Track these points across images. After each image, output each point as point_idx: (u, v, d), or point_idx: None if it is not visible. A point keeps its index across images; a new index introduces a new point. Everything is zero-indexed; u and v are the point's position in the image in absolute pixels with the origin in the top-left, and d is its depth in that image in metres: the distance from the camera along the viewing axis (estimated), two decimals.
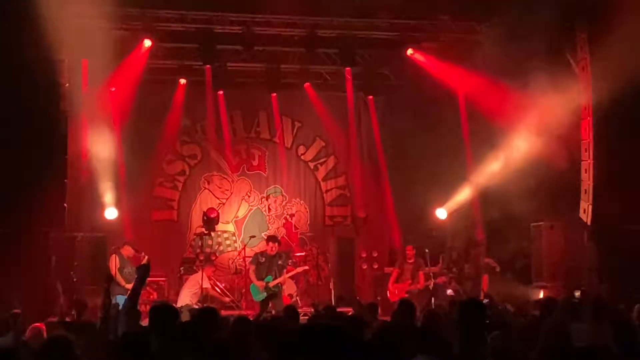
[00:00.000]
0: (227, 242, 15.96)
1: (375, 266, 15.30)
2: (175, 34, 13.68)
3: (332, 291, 13.99)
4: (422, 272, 13.43)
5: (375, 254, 15.48)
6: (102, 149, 13.80)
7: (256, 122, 16.34)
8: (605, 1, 12.10)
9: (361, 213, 16.03)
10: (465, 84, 14.40)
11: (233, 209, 16.12)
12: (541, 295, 13.00)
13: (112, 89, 14.20)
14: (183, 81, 14.85)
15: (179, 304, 12.78)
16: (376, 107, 16.26)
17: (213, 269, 14.10)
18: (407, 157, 15.65)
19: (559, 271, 13.16)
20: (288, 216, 16.28)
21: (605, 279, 12.09)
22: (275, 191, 16.35)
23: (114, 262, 12.67)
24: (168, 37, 13.73)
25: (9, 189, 11.40)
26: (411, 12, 13.59)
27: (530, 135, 13.50)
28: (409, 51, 14.16)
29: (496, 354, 5.43)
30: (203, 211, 15.20)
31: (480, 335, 5.36)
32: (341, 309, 11.66)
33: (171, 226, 15.85)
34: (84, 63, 13.17)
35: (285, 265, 12.95)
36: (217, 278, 14.31)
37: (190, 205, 15.96)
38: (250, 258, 14.45)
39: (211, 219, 14.79)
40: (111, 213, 13.89)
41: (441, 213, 15.26)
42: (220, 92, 15.15)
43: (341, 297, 13.86)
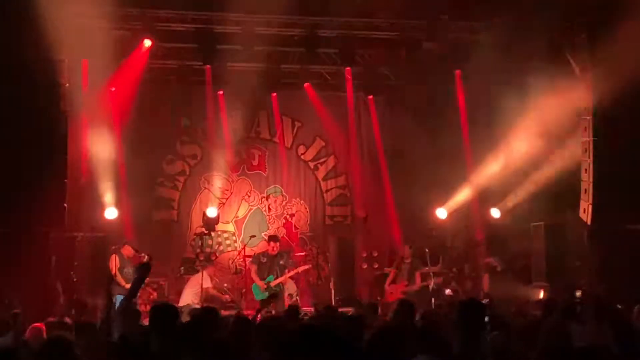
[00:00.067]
0: (227, 242, 15.94)
1: (375, 266, 15.28)
2: (175, 34, 13.66)
3: (332, 291, 13.97)
4: (419, 273, 13.38)
5: (375, 254, 15.46)
6: (102, 149, 13.80)
7: (256, 122, 16.31)
8: (605, 1, 12.12)
9: (361, 213, 16.00)
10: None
11: (233, 209, 16.10)
12: (541, 295, 13.00)
13: (112, 89, 14.20)
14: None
15: (181, 304, 12.82)
16: (376, 107, 16.25)
17: (215, 269, 14.11)
18: (407, 157, 15.65)
19: (559, 271, 13.16)
20: (288, 216, 16.27)
21: (605, 279, 12.08)
22: (275, 191, 16.34)
23: (114, 262, 12.70)
24: (168, 37, 13.71)
25: (9, 189, 11.40)
26: (411, 12, 13.58)
27: (530, 135, 13.51)
28: None
29: (496, 354, 5.43)
30: (203, 211, 15.22)
31: (480, 335, 5.36)
32: (341, 309, 11.67)
33: (171, 226, 15.83)
34: (84, 63, 13.16)
35: (286, 265, 12.96)
36: (218, 278, 14.30)
37: (190, 205, 15.95)
38: (250, 258, 14.47)
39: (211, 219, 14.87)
40: (111, 213, 13.88)
41: (441, 213, 15.25)
42: (220, 92, 15.14)
43: (341, 297, 13.84)
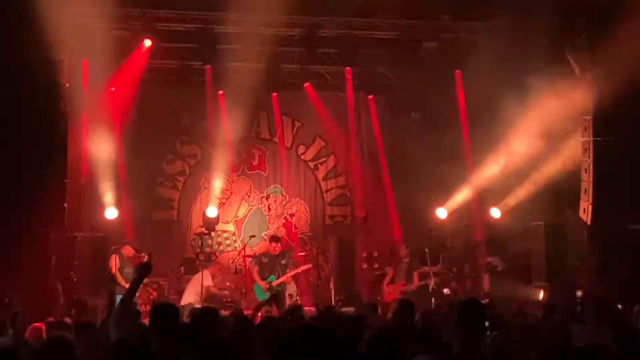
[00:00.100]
0: (227, 242, 15.95)
1: (375, 266, 15.27)
2: (175, 34, 13.66)
3: (332, 291, 13.97)
4: (417, 272, 13.34)
5: (375, 254, 15.45)
6: (102, 149, 13.81)
7: (256, 122, 16.31)
8: (605, 1, 12.12)
9: (361, 213, 16.01)
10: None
11: (233, 209, 16.11)
12: (541, 295, 13.00)
13: (112, 89, 14.21)
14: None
15: (183, 303, 12.89)
16: (376, 107, 16.25)
17: (216, 268, 14.12)
18: (407, 157, 15.64)
19: (559, 271, 13.15)
20: (288, 216, 16.27)
21: (605, 279, 12.08)
22: (275, 191, 16.34)
23: (114, 262, 12.70)
24: (168, 37, 13.71)
25: (9, 189, 11.39)
26: (411, 12, 13.58)
27: (530, 135, 13.50)
28: None
29: (496, 354, 5.43)
30: (203, 211, 15.22)
31: (480, 335, 5.36)
32: (342, 309, 11.67)
33: (171, 226, 15.84)
34: (84, 63, 13.16)
35: (288, 264, 12.95)
36: (219, 277, 14.30)
37: (190, 205, 15.95)
38: (250, 258, 14.47)
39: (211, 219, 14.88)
40: (111, 213, 13.89)
41: (441, 213, 15.25)
42: (220, 92, 15.14)
43: (342, 297, 13.84)
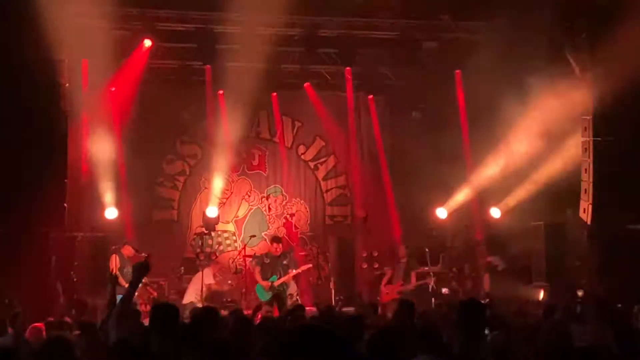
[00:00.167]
0: (227, 242, 15.95)
1: (375, 266, 15.26)
2: (175, 34, 13.67)
3: (332, 291, 13.97)
4: (415, 272, 13.31)
5: (375, 254, 15.44)
6: (102, 149, 13.81)
7: (256, 122, 16.31)
8: (605, 1, 12.11)
9: (361, 213, 16.01)
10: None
11: (233, 209, 16.11)
12: (541, 295, 13.00)
13: (112, 89, 14.21)
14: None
15: (184, 302, 12.98)
16: (376, 107, 16.25)
17: (217, 267, 14.14)
18: (407, 157, 15.64)
19: (559, 271, 13.15)
20: (288, 216, 16.27)
21: (605, 279, 12.08)
22: (275, 191, 16.34)
23: (114, 262, 12.70)
24: (168, 37, 13.71)
25: (9, 189, 11.40)
26: (411, 12, 13.58)
27: (530, 135, 13.50)
28: None
29: (496, 354, 5.43)
30: (203, 211, 15.23)
31: (480, 335, 5.36)
32: (343, 309, 11.67)
33: (171, 226, 15.85)
34: (84, 63, 13.17)
35: (289, 265, 12.95)
36: (220, 277, 14.31)
37: (190, 205, 15.96)
38: (250, 258, 14.48)
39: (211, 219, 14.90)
40: (111, 213, 13.89)
41: (441, 213, 15.25)
42: (220, 92, 15.14)
43: (343, 297, 13.84)
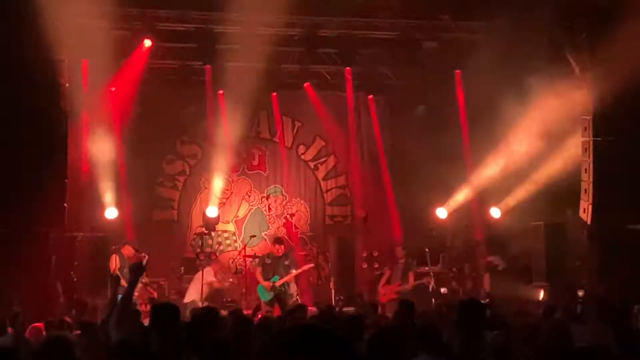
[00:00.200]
0: (227, 242, 15.96)
1: (375, 266, 15.25)
2: (175, 34, 13.67)
3: (332, 291, 13.97)
4: (412, 272, 13.28)
5: (375, 254, 15.44)
6: (102, 149, 13.81)
7: (256, 122, 16.32)
8: (605, 1, 12.12)
9: (361, 213, 16.01)
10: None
11: (233, 209, 16.11)
12: (541, 295, 13.00)
13: (112, 89, 14.21)
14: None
15: (186, 300, 13.04)
16: (376, 107, 16.25)
17: (219, 265, 14.15)
18: (407, 157, 15.64)
19: (559, 271, 13.15)
20: (288, 216, 16.27)
21: (605, 279, 12.08)
22: (275, 191, 16.35)
23: (114, 262, 12.70)
24: (168, 37, 13.71)
25: (9, 189, 11.40)
26: (411, 12, 13.58)
27: (530, 135, 13.50)
28: None
29: (496, 354, 5.43)
30: (203, 211, 15.23)
31: (480, 335, 5.36)
32: (344, 309, 11.66)
33: (171, 226, 15.85)
34: (84, 63, 13.18)
35: (291, 265, 12.95)
36: (221, 275, 14.33)
37: (190, 205, 15.96)
38: (250, 258, 14.49)
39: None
40: (111, 213, 13.90)
41: (441, 213, 15.25)
42: (220, 92, 15.14)
43: (343, 297, 13.83)
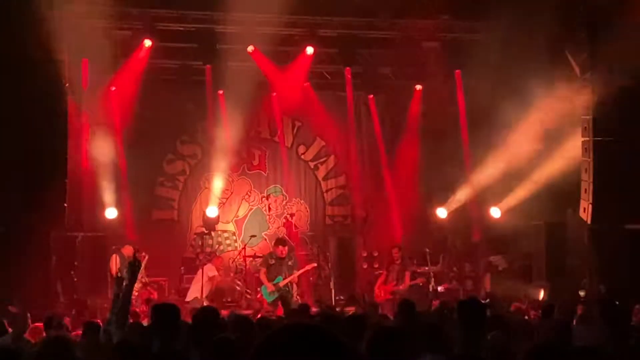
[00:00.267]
0: (228, 242, 15.94)
1: (375, 266, 15.23)
2: (175, 34, 13.67)
3: (332, 291, 13.96)
4: (408, 272, 13.25)
5: (375, 254, 15.43)
6: (102, 149, 13.80)
7: (256, 122, 16.30)
8: (605, 1, 12.13)
9: (361, 213, 16.01)
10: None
11: (233, 209, 16.10)
12: (541, 295, 13.01)
13: (113, 89, 14.21)
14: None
15: (188, 298, 13.06)
16: (376, 107, 16.24)
17: (221, 261, 14.17)
18: (407, 157, 15.64)
19: (559, 271, 13.16)
20: (288, 215, 16.25)
21: (605, 279, 12.09)
22: (275, 191, 16.34)
23: (114, 262, 12.70)
24: (168, 37, 13.72)
25: (9, 189, 11.41)
26: (411, 12, 13.59)
27: (530, 134, 13.50)
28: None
29: (496, 354, 5.43)
30: (203, 211, 15.23)
31: (480, 335, 5.36)
32: (345, 309, 11.65)
33: (171, 226, 15.84)
34: (84, 63, 13.18)
35: (294, 266, 12.94)
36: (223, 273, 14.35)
37: (190, 204, 15.95)
38: (250, 258, 14.47)
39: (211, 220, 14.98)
40: (111, 213, 13.89)
41: (441, 212, 15.24)
42: (220, 92, 15.13)
43: (344, 297, 13.82)
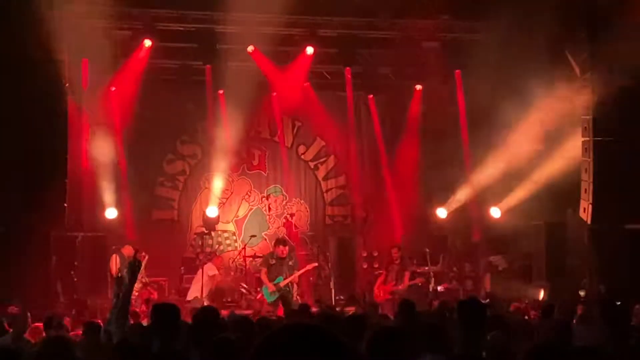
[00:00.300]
0: (227, 242, 15.94)
1: (375, 266, 15.23)
2: (175, 34, 13.67)
3: (332, 291, 13.96)
4: (408, 272, 13.24)
5: (375, 254, 15.42)
6: (102, 149, 13.81)
7: (256, 122, 16.30)
8: (605, 1, 12.13)
9: (361, 213, 16.01)
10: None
11: (233, 209, 16.10)
12: (541, 295, 13.02)
13: (113, 89, 14.22)
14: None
15: (189, 297, 13.07)
16: (376, 107, 16.23)
17: (221, 261, 14.17)
18: (407, 157, 15.64)
19: (559, 271, 13.17)
20: (288, 215, 16.25)
21: (605, 279, 12.09)
22: (275, 191, 16.34)
23: (114, 262, 12.70)
24: (168, 37, 13.72)
25: (9, 189, 11.41)
26: (411, 12, 13.59)
27: (530, 134, 13.51)
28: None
29: (496, 354, 5.43)
30: (203, 211, 15.24)
31: (480, 335, 5.36)
32: (345, 309, 11.65)
33: (171, 226, 15.84)
34: (84, 63, 13.18)
35: (295, 265, 12.94)
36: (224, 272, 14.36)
37: (190, 204, 15.95)
38: (250, 258, 14.46)
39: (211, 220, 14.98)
40: (111, 213, 13.89)
41: (441, 212, 15.25)
42: (220, 92, 15.13)
43: (344, 297, 13.82)
